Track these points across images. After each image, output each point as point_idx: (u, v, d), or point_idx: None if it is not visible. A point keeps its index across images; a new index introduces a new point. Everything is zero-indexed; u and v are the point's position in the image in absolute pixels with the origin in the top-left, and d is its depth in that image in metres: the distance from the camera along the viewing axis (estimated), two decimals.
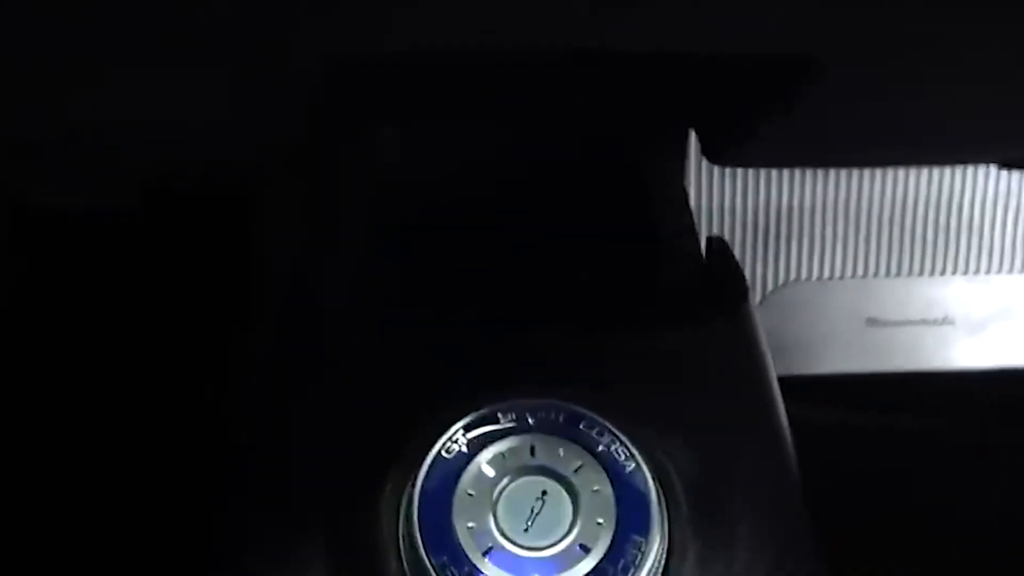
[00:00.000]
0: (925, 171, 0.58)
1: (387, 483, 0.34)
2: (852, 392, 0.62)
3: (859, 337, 0.60)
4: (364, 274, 0.40)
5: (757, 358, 0.38)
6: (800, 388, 0.60)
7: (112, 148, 0.38)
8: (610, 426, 0.34)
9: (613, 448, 0.33)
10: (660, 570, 0.33)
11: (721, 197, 0.58)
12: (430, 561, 0.32)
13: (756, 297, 0.60)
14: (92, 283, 0.56)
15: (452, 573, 0.32)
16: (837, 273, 0.59)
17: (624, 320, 0.39)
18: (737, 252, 0.59)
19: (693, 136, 0.48)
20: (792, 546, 0.35)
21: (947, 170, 0.58)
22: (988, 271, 0.60)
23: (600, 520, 0.33)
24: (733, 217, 0.58)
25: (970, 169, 0.59)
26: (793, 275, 0.60)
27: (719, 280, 0.41)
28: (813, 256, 0.59)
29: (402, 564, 0.33)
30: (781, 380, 0.61)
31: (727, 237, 0.59)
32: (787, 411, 0.63)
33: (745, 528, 0.35)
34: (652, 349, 0.37)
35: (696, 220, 0.56)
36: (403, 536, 0.33)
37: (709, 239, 0.43)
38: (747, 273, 0.59)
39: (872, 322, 0.60)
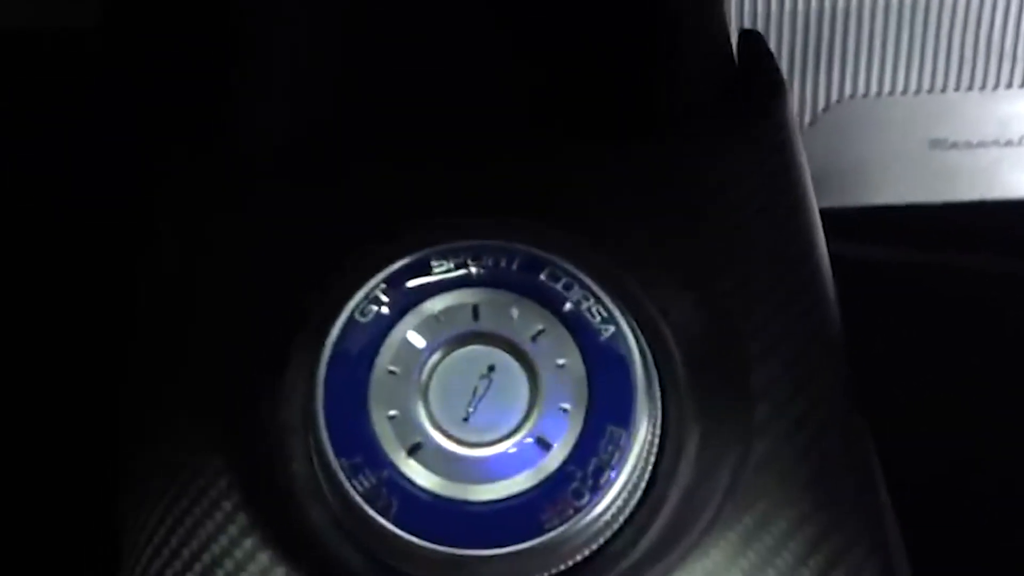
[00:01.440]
0: None
1: (287, 360, 0.26)
2: (913, 224, 0.56)
3: (921, 161, 0.53)
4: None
5: (791, 180, 0.29)
6: (854, 220, 0.55)
7: None
8: (582, 275, 0.25)
9: (586, 306, 0.25)
10: (648, 471, 0.25)
11: None
12: (338, 462, 0.24)
13: (806, 118, 0.53)
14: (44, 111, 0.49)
15: (366, 478, 0.24)
16: (898, 88, 0.52)
17: (609, 127, 0.29)
18: (784, 65, 0.52)
19: None
20: (832, 430, 0.27)
21: None
22: None
23: (565, 405, 0.24)
24: (779, 23, 0.50)
25: None
26: (848, 91, 0.52)
27: (747, 80, 0.32)
28: (872, 69, 0.51)
29: (312, 466, 0.25)
30: (833, 211, 0.55)
31: (769, 46, 0.51)
32: (838, 249, 0.57)
33: (768, 407, 0.26)
34: (644, 167, 0.28)
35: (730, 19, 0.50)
36: (308, 430, 0.25)
37: (741, 33, 0.35)
38: (795, 89, 0.52)
39: (936, 144, 0.53)
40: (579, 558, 0.24)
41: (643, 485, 0.25)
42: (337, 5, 0.31)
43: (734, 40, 0.35)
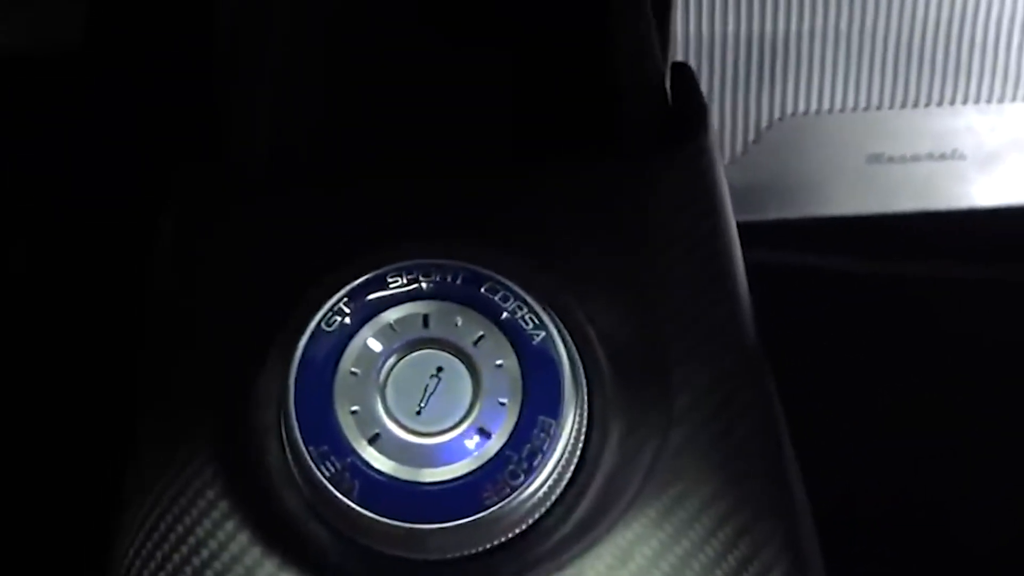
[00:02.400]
0: None
1: (264, 364, 0.29)
2: (852, 235, 0.59)
3: (861, 175, 0.56)
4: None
5: (712, 204, 0.33)
6: (797, 231, 0.58)
7: None
8: (516, 288, 0.29)
9: (520, 315, 0.28)
10: (576, 455, 0.28)
11: (710, 22, 0.53)
12: (307, 451, 0.28)
13: (750, 135, 0.55)
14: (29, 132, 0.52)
15: (332, 464, 0.27)
16: (837, 106, 0.55)
17: (541, 155, 0.33)
18: (728, 85, 0.54)
19: None
20: (744, 420, 0.30)
21: None
22: (1002, 99, 0.55)
23: (503, 400, 0.28)
24: (724, 45, 0.53)
25: None
26: (789, 109, 0.55)
27: (675, 113, 0.36)
28: (811, 88, 0.54)
29: (285, 457, 0.29)
30: (777, 224, 0.57)
31: (714, 67, 0.54)
32: (780, 258, 0.60)
33: (687, 400, 0.30)
34: (581, 194, 0.32)
35: (675, 48, 0.52)
36: (281, 425, 0.28)
37: (673, 66, 0.38)
38: (739, 108, 0.55)
39: (874, 158, 0.56)
40: (516, 532, 0.28)
41: (571, 468, 0.28)
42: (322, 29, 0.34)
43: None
